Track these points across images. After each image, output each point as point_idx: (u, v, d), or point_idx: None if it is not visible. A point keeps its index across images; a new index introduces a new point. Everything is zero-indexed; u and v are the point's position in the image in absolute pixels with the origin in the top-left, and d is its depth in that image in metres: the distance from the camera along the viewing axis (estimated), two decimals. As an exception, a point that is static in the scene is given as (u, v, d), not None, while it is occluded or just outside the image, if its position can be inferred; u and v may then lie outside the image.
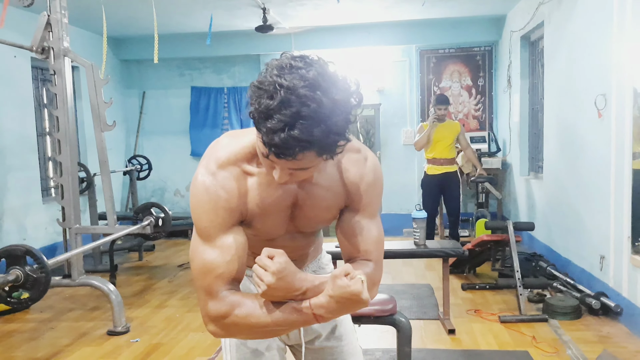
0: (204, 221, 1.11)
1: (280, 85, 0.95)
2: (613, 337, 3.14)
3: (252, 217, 1.17)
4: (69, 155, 3.49)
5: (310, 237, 1.35)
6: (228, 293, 1.10)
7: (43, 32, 3.36)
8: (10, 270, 2.48)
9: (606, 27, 3.45)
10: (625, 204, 3.23)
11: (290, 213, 1.21)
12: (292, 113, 0.94)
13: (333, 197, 1.20)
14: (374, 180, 1.22)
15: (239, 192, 1.14)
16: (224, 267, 1.10)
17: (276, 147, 0.97)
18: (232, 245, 1.11)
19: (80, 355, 3.18)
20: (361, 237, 1.20)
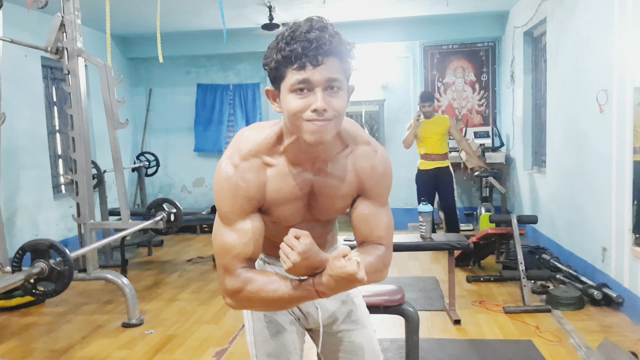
0: (225, 207, 1.24)
1: (289, 27, 1.15)
2: (614, 327, 3.23)
3: (270, 204, 1.27)
4: (83, 152, 3.59)
5: (327, 226, 1.43)
6: (243, 271, 1.22)
7: (57, 33, 3.45)
8: (35, 263, 2.59)
9: (607, 24, 3.52)
10: (626, 196, 3.30)
11: (306, 202, 1.31)
12: (306, 28, 1.13)
13: (346, 187, 1.30)
14: (384, 171, 1.32)
15: (257, 182, 1.24)
16: (240, 248, 1.22)
17: (302, 55, 1.11)
18: (249, 230, 1.23)
19: (97, 347, 3.28)
20: (374, 223, 1.32)
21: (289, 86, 1.15)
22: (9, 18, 3.79)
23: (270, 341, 1.44)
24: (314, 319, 1.46)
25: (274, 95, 1.22)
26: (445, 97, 6.81)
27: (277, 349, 1.44)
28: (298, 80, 1.13)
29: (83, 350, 3.23)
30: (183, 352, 3.16)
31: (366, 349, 1.49)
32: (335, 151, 1.29)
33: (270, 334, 1.44)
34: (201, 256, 5.54)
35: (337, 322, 1.48)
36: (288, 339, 1.45)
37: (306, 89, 1.14)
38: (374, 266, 1.27)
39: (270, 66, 1.17)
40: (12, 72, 4.92)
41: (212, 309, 3.89)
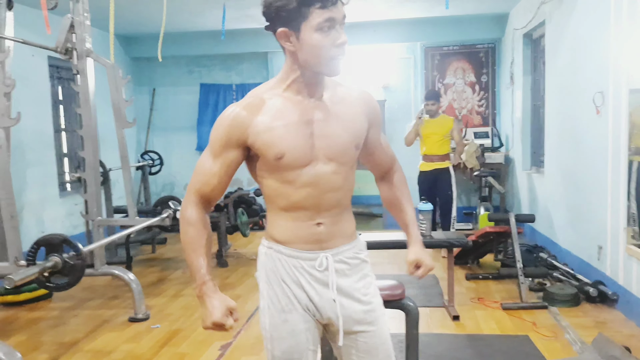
0: (211, 137, 1.40)
1: None
2: (609, 323, 3.31)
3: (267, 128, 1.33)
4: (92, 151, 3.67)
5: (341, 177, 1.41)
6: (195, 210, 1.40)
7: (67, 34, 3.53)
8: (49, 257, 2.67)
9: (604, 28, 3.60)
10: (621, 196, 3.39)
11: (310, 132, 1.36)
12: None
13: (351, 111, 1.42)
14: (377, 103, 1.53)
15: (252, 109, 1.35)
16: (208, 175, 1.39)
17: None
18: (220, 161, 1.38)
19: (104, 340, 3.37)
20: (387, 147, 1.58)
21: (316, 25, 1.26)
22: (16, 18, 3.87)
23: (285, 338, 1.43)
24: (329, 316, 1.45)
25: (286, 34, 1.30)
26: (446, 97, 6.89)
27: (292, 346, 1.43)
28: (325, 18, 1.26)
29: (90, 344, 3.32)
30: (188, 345, 3.24)
31: (380, 349, 1.49)
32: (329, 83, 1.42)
33: (285, 331, 1.43)
34: (204, 253, 5.61)
35: (354, 322, 1.46)
36: (303, 336, 1.44)
37: (330, 26, 1.26)
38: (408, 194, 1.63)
39: (288, 7, 1.25)
40: (19, 71, 4.98)
41: (216, 304, 3.96)
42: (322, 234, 1.42)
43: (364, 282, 1.50)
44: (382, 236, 3.79)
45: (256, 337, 3.32)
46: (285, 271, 1.44)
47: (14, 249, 2.80)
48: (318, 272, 1.43)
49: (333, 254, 1.44)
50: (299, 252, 1.43)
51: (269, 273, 1.46)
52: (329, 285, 1.43)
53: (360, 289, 1.48)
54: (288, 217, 1.42)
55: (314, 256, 1.43)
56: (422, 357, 2.76)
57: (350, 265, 1.47)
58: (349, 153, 1.42)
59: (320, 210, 1.41)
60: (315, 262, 1.42)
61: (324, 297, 1.43)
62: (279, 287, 1.44)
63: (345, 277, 1.46)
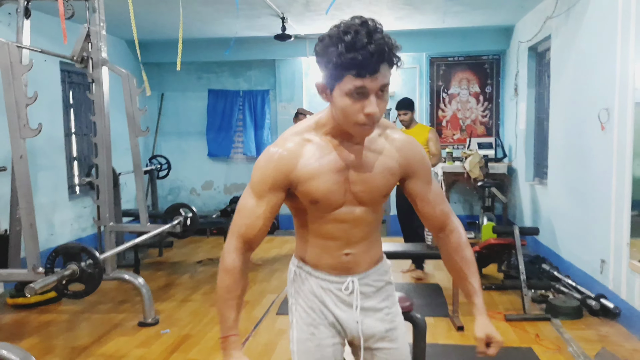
0: (256, 176, 1.39)
1: (345, 29, 1.23)
2: (611, 337, 3.38)
3: (307, 176, 1.36)
4: (105, 158, 3.74)
5: (371, 215, 1.46)
6: (237, 256, 1.39)
7: (83, 44, 3.61)
8: (67, 265, 2.74)
9: (610, 44, 3.67)
10: (625, 212, 3.45)
11: (345, 177, 1.39)
12: (366, 33, 1.22)
13: (385, 162, 1.41)
14: (422, 153, 1.48)
15: (294, 154, 1.36)
16: (252, 217, 1.38)
17: (371, 63, 1.22)
18: (264, 203, 1.37)
19: (115, 344, 3.43)
20: (434, 200, 1.47)
21: (346, 90, 1.26)
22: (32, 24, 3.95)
23: (312, 352, 1.50)
24: (352, 334, 1.51)
25: (323, 88, 1.32)
26: (450, 107, 6.97)
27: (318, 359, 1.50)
28: (356, 86, 1.25)
29: (102, 348, 3.38)
30: (199, 351, 3.31)
31: None
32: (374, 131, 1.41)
33: (312, 345, 1.49)
34: (211, 258, 5.69)
35: (375, 339, 1.53)
36: (329, 351, 1.50)
37: (361, 93, 1.26)
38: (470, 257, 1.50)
39: (328, 66, 1.26)
40: (32, 76, 5.05)
41: (224, 310, 4.02)
42: (350, 263, 1.48)
43: (388, 302, 1.56)
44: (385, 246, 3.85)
45: (264, 344, 3.39)
46: (313, 290, 1.51)
47: (32, 257, 2.87)
48: (344, 295, 1.49)
49: (359, 277, 1.50)
50: (327, 275, 1.49)
51: (298, 289, 1.53)
52: (354, 307, 1.49)
53: (384, 309, 1.54)
54: (317, 244, 1.47)
55: (340, 280, 1.49)
56: (429, 367, 2.81)
57: (375, 287, 1.53)
58: (377, 199, 1.45)
59: (350, 242, 1.46)
60: (341, 285, 1.49)
61: (348, 317, 1.50)
62: (307, 303, 1.51)
63: (369, 298, 1.52)
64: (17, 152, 2.96)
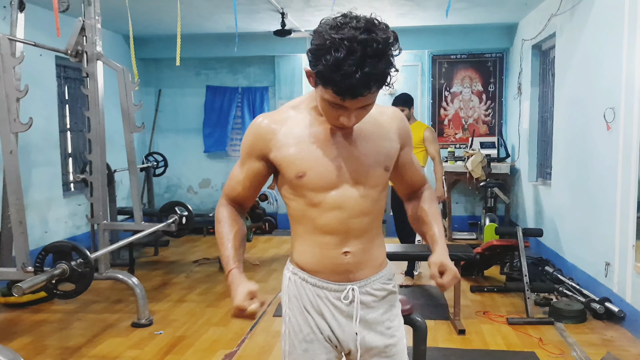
0: (241, 144, 1.43)
1: (342, 39, 1.12)
2: (616, 341, 3.29)
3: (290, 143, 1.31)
4: (99, 154, 3.66)
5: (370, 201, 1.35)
6: (225, 209, 1.46)
7: (78, 37, 3.52)
8: (57, 264, 2.66)
9: (617, 43, 3.58)
10: (630, 213, 3.37)
11: (337, 153, 1.31)
12: (360, 57, 1.12)
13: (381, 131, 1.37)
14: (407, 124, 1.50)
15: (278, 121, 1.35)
16: (233, 182, 1.45)
17: (353, 89, 1.15)
18: (244, 171, 1.41)
19: (108, 345, 3.35)
20: (419, 166, 1.54)
21: (325, 98, 1.20)
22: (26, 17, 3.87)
23: None
24: (349, 347, 1.41)
25: (310, 76, 1.24)
26: (452, 106, 6.88)
27: None
28: (333, 103, 1.20)
29: (95, 349, 3.30)
30: (193, 354, 3.22)
31: None
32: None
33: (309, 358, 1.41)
34: (207, 257, 5.60)
35: (372, 354, 1.42)
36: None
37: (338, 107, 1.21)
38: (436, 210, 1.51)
39: (314, 65, 1.18)
40: (27, 71, 4.98)
41: (221, 311, 3.95)
42: (349, 265, 1.36)
43: (390, 314, 1.45)
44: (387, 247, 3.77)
45: (261, 347, 3.31)
46: (309, 299, 1.40)
47: (22, 255, 2.78)
48: (343, 305, 1.39)
49: (360, 285, 1.38)
50: (325, 282, 1.38)
51: (292, 299, 1.42)
52: (353, 318, 1.38)
53: (385, 322, 1.43)
54: (314, 243, 1.36)
55: (340, 288, 1.38)
56: (429, 372, 2.73)
57: (377, 297, 1.42)
58: (377, 176, 1.35)
59: (349, 236, 1.34)
60: (341, 294, 1.38)
61: (347, 330, 1.40)
62: (302, 315, 1.41)
63: (370, 309, 1.41)
64: (7, 147, 2.87)
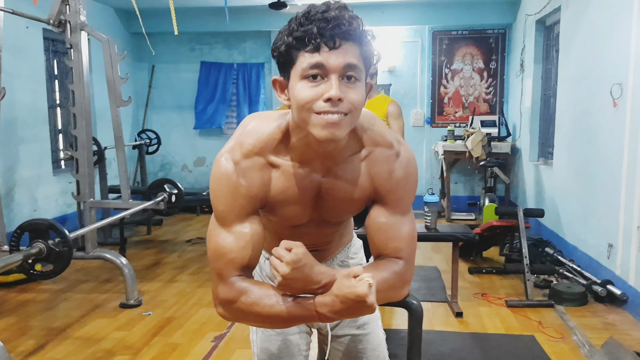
0: (222, 206, 1.11)
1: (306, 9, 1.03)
2: (618, 325, 3.20)
3: (273, 205, 1.17)
4: (84, 129, 3.51)
5: (337, 225, 1.34)
6: (238, 279, 1.10)
7: (60, 6, 3.35)
8: (34, 243, 2.54)
9: (625, 16, 3.42)
10: (636, 193, 3.25)
11: (313, 204, 1.19)
12: (322, 8, 1.01)
13: (358, 192, 1.17)
14: (404, 176, 1.17)
15: (261, 182, 1.13)
16: (236, 253, 1.10)
17: (316, 36, 0.99)
18: (247, 233, 1.11)
19: (95, 326, 3.25)
20: (391, 233, 1.16)
21: (300, 71, 1.01)
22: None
23: (273, 341, 1.39)
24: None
25: (282, 85, 1.08)
26: (453, 84, 6.71)
27: (279, 349, 1.39)
28: (311, 64, 0.99)
29: (81, 330, 3.20)
30: (182, 335, 3.13)
31: (371, 355, 1.44)
32: (348, 152, 1.15)
33: (274, 334, 1.39)
34: (201, 237, 5.49)
35: (344, 325, 1.43)
36: (292, 340, 1.40)
37: (320, 75, 1.00)
38: (389, 282, 1.12)
39: (279, 50, 1.04)
40: (13, 44, 4.81)
41: (211, 291, 3.85)
42: (317, 255, 1.21)
43: None
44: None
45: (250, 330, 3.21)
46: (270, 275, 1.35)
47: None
48: None
49: (326, 263, 1.40)
50: None
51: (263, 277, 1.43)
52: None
53: None
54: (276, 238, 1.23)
55: None
56: (425, 356, 2.63)
57: (343, 267, 1.42)
58: (343, 218, 1.33)
59: (316, 244, 1.33)
60: None
61: None
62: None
63: None
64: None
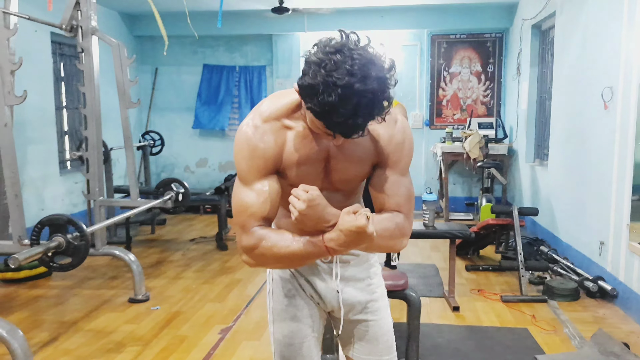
0: (244, 167, 1.27)
1: (335, 85, 1.08)
2: (608, 318, 3.33)
3: (288, 166, 1.29)
4: (95, 130, 3.64)
5: (348, 198, 1.42)
6: (258, 228, 1.25)
7: (72, 11, 3.47)
8: (53, 237, 2.66)
9: (616, 22, 3.55)
10: (625, 192, 3.38)
11: (323, 166, 1.33)
12: (354, 106, 1.09)
13: (363, 152, 1.32)
14: (402, 139, 1.33)
15: (276, 143, 1.27)
16: (256, 207, 1.25)
17: (344, 132, 1.15)
18: (265, 190, 1.26)
19: (104, 320, 3.37)
20: (392, 190, 1.32)
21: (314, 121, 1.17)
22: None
23: (287, 322, 1.47)
24: (332, 305, 1.48)
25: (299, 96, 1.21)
26: (451, 86, 6.85)
27: (293, 330, 1.47)
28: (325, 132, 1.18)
29: (91, 323, 3.32)
30: (189, 328, 3.25)
31: (380, 340, 1.50)
32: None
33: (289, 317, 1.47)
34: (204, 236, 5.61)
35: (356, 311, 1.49)
36: (305, 322, 1.47)
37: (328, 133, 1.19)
38: (389, 230, 1.27)
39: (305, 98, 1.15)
40: (22, 47, 4.92)
41: (216, 287, 3.97)
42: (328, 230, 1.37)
43: (369, 272, 1.51)
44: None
45: (256, 322, 3.33)
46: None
47: (18, 228, 2.78)
48: (322, 263, 1.45)
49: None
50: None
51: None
52: (333, 275, 1.45)
53: (365, 279, 1.50)
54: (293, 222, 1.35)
55: None
56: (423, 347, 2.76)
57: (355, 256, 1.48)
58: (354, 185, 1.41)
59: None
60: None
61: (328, 286, 1.46)
62: (284, 274, 1.48)
63: (349, 266, 1.48)
64: (1, 120, 2.85)
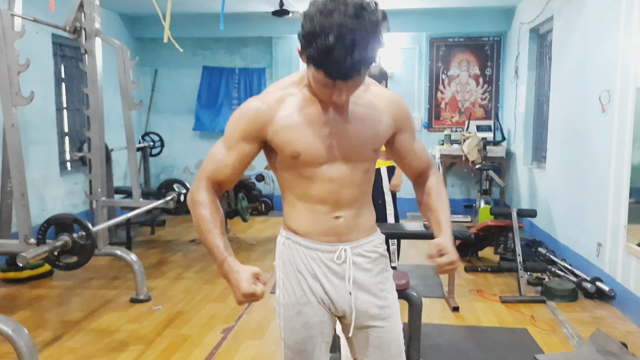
0: (229, 127, 1.38)
1: (331, 26, 1.15)
2: (606, 319, 3.37)
3: (287, 127, 1.32)
4: (97, 131, 3.66)
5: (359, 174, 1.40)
6: (204, 191, 1.37)
7: (76, 13, 3.50)
8: (59, 236, 2.69)
9: (613, 26, 3.60)
10: (623, 194, 3.42)
11: (329, 131, 1.34)
12: (349, 44, 1.15)
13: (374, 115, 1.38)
14: (407, 108, 1.48)
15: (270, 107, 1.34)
16: (217, 168, 1.38)
17: (344, 73, 1.19)
18: (233, 157, 1.37)
19: (107, 319, 3.40)
20: (420, 152, 1.51)
21: (316, 77, 1.23)
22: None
23: (298, 330, 1.44)
24: (344, 309, 1.45)
25: (301, 54, 1.26)
26: (449, 89, 6.90)
27: (304, 338, 1.45)
28: (324, 83, 1.23)
29: (94, 322, 3.35)
30: (191, 328, 3.27)
31: (392, 345, 1.49)
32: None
33: (299, 323, 1.44)
34: (204, 237, 5.63)
35: (367, 316, 1.46)
36: (316, 329, 1.44)
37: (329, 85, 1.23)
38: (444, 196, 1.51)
39: (304, 47, 1.20)
40: (24, 49, 4.94)
41: (218, 288, 4.00)
42: (341, 227, 1.40)
43: (382, 276, 1.49)
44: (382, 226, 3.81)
45: (258, 322, 3.36)
46: (302, 262, 1.43)
47: (24, 227, 2.80)
48: (335, 265, 1.42)
49: (352, 246, 1.42)
50: (318, 244, 1.41)
51: (286, 263, 1.45)
52: (346, 278, 1.42)
53: (378, 284, 1.47)
54: (306, 209, 1.40)
55: (332, 248, 1.41)
56: (424, 347, 2.80)
57: (368, 258, 1.46)
58: (366, 154, 1.40)
59: (339, 204, 1.39)
60: (333, 255, 1.41)
61: (340, 290, 1.43)
62: (295, 278, 1.44)
63: (363, 270, 1.45)
64: (8, 121, 2.88)
